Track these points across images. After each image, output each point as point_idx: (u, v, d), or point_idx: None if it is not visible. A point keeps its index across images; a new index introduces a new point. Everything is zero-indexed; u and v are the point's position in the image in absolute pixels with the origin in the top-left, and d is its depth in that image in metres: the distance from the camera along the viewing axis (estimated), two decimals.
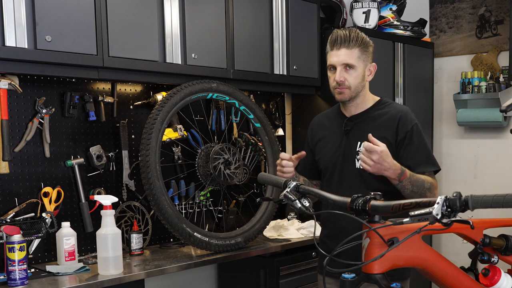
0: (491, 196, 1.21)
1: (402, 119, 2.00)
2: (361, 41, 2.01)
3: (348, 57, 2.00)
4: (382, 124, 2.03)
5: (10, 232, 2.13)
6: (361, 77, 2.04)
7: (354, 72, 2.02)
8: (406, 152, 1.99)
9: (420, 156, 1.99)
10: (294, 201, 1.64)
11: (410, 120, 2.01)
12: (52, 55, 2.16)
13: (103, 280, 2.16)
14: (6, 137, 2.29)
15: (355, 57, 2.01)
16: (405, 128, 1.99)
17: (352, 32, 2.02)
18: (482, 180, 3.77)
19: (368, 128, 2.03)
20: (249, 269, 2.93)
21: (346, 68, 2.02)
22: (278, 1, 3.05)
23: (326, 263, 1.40)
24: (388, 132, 2.01)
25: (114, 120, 2.72)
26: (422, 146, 2.00)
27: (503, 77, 3.52)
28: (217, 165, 2.80)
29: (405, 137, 1.99)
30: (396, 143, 2.00)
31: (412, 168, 1.97)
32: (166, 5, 2.54)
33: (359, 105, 2.09)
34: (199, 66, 2.67)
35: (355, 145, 2.05)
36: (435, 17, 3.96)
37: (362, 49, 2.02)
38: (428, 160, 2.01)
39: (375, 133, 1.97)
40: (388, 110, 2.06)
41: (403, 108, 2.08)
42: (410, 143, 1.99)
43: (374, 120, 2.05)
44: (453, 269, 1.53)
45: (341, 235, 1.54)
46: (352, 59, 2.01)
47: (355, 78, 2.02)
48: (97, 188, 2.62)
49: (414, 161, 1.98)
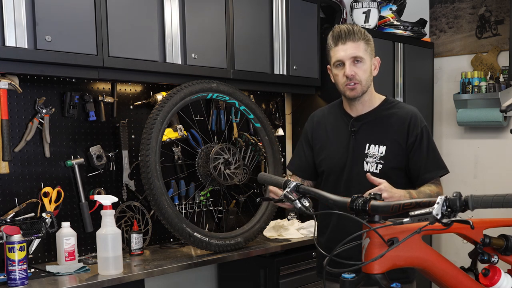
0: (491, 196, 1.21)
1: (413, 122, 1.97)
2: (364, 34, 1.98)
3: (356, 50, 1.94)
4: (392, 126, 1.99)
5: (10, 232, 2.13)
6: (369, 71, 1.98)
7: (363, 65, 1.95)
8: (416, 156, 1.96)
9: (429, 161, 1.96)
10: (294, 201, 1.64)
11: (420, 122, 1.98)
12: (52, 55, 2.16)
13: (103, 280, 2.16)
14: (6, 137, 2.29)
15: (363, 50, 1.95)
16: (416, 131, 1.96)
17: (354, 26, 1.98)
18: (482, 180, 3.76)
19: (377, 129, 1.99)
20: (249, 269, 2.93)
21: (355, 62, 1.95)
22: (278, 1, 3.05)
23: (326, 263, 1.40)
24: (399, 135, 1.97)
25: (114, 120, 2.72)
26: (431, 149, 1.98)
27: (503, 77, 3.52)
28: (217, 165, 2.80)
29: (415, 140, 1.96)
30: (406, 146, 1.97)
31: (421, 172, 1.95)
32: (166, 5, 2.54)
33: (366, 103, 2.02)
34: (199, 66, 2.67)
35: (364, 147, 1.99)
36: (435, 17, 3.96)
37: (366, 42, 1.97)
38: (437, 165, 1.98)
39: (382, 135, 1.97)
40: (396, 111, 2.01)
41: (412, 109, 2.03)
42: (420, 146, 1.96)
43: (382, 121, 2.01)
44: (453, 269, 1.53)
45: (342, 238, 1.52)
46: (361, 52, 1.94)
47: (365, 71, 1.96)
48: (97, 188, 2.62)
49: (423, 166, 1.95)
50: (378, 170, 1.96)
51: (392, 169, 1.96)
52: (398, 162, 1.97)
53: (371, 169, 1.96)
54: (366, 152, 1.98)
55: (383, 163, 1.96)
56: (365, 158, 1.98)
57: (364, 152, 1.99)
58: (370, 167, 1.97)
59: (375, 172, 1.95)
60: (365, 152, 1.99)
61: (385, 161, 1.96)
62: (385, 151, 1.96)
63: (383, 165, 1.96)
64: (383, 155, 1.96)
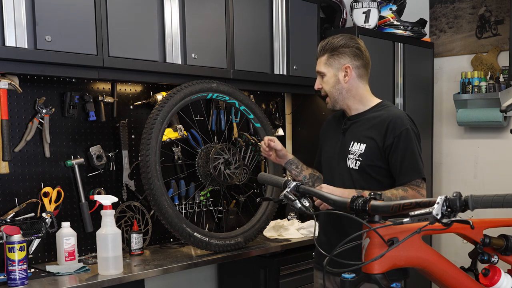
0: (491, 196, 1.21)
1: (392, 124, 1.98)
2: (329, 46, 2.07)
3: (318, 66, 2.12)
4: (373, 126, 2.03)
5: (10, 232, 2.13)
6: (332, 82, 2.08)
7: (325, 78, 2.10)
8: (393, 158, 1.98)
9: (404, 164, 1.96)
10: (294, 201, 1.65)
11: (401, 125, 1.98)
12: (52, 55, 2.16)
13: (103, 280, 2.16)
14: (6, 137, 2.29)
15: (323, 64, 2.09)
16: (394, 133, 1.97)
17: (325, 41, 2.10)
18: (482, 180, 3.76)
19: (361, 128, 2.06)
20: (249, 269, 2.93)
21: (321, 76, 2.12)
22: (278, 1, 3.05)
23: (326, 263, 1.40)
24: (377, 134, 2.00)
25: (114, 120, 2.72)
26: (408, 152, 1.96)
27: (503, 77, 3.52)
28: (217, 165, 2.80)
29: (393, 142, 1.97)
30: (383, 147, 1.99)
31: (396, 175, 1.98)
32: (166, 5, 2.54)
33: (358, 107, 2.10)
34: (199, 66, 2.67)
35: (349, 145, 2.07)
36: (435, 17, 3.96)
37: (330, 54, 2.07)
38: (412, 169, 1.96)
39: (364, 134, 2.03)
40: (382, 113, 2.05)
41: (397, 112, 2.05)
42: (397, 148, 1.97)
43: (368, 122, 2.06)
44: (453, 269, 1.54)
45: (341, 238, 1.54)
46: (321, 67, 2.10)
47: (326, 83, 2.10)
48: (97, 188, 2.62)
49: (398, 169, 1.97)
50: (356, 167, 2.03)
51: (369, 166, 2.01)
52: (375, 160, 2.01)
53: (352, 165, 2.04)
54: (349, 149, 2.06)
55: (361, 160, 2.02)
56: (348, 155, 2.06)
57: (348, 149, 2.07)
58: (351, 164, 2.05)
59: (354, 168, 2.03)
60: (349, 149, 2.06)
61: (363, 158, 2.02)
62: (364, 149, 2.02)
63: (361, 162, 2.02)
64: (362, 152, 2.02)
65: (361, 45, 2.09)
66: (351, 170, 2.04)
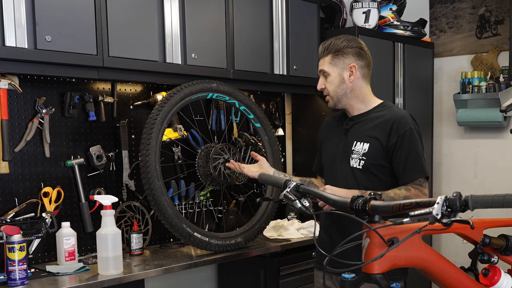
0: (491, 196, 1.21)
1: (396, 123, 2.00)
2: (333, 47, 2.08)
3: (321, 65, 2.12)
4: (377, 125, 2.04)
5: (10, 232, 2.13)
6: (337, 81, 2.09)
7: (329, 78, 2.10)
8: (397, 158, 1.99)
9: (408, 163, 1.98)
10: (294, 201, 1.65)
11: (404, 124, 2.00)
12: (52, 55, 2.16)
13: (103, 280, 2.16)
14: (6, 137, 2.29)
15: (327, 63, 2.09)
16: (398, 133, 1.99)
17: (327, 42, 2.11)
18: (482, 180, 3.76)
19: (364, 128, 2.07)
20: (249, 269, 2.93)
21: (324, 76, 2.12)
22: (278, 1, 3.05)
23: (326, 263, 1.41)
24: (381, 134, 2.02)
25: (114, 120, 2.72)
26: (412, 151, 1.98)
27: (503, 77, 3.52)
28: (217, 165, 2.80)
29: (397, 142, 1.99)
30: (388, 147, 2.00)
31: (400, 174, 1.99)
32: (166, 5, 2.54)
33: (360, 107, 2.11)
34: (199, 66, 2.67)
35: (352, 144, 2.07)
36: (435, 17, 3.96)
37: (334, 54, 2.08)
38: (415, 168, 1.98)
39: (367, 133, 2.04)
40: (385, 113, 2.06)
41: (401, 112, 2.07)
42: (401, 148, 1.98)
43: (371, 122, 2.07)
44: (453, 269, 1.54)
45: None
46: (325, 66, 2.10)
47: (330, 83, 2.10)
48: (97, 188, 2.62)
49: (402, 168, 1.98)
50: (360, 166, 2.04)
51: (372, 165, 2.02)
52: (379, 160, 2.02)
53: (355, 165, 2.05)
54: (352, 149, 2.07)
55: (365, 159, 2.03)
56: (351, 155, 2.07)
57: (351, 149, 2.07)
58: (354, 163, 2.05)
59: (358, 167, 2.04)
60: (352, 149, 2.07)
61: (366, 158, 2.03)
62: (368, 148, 2.03)
63: (365, 161, 2.03)
64: (365, 151, 2.03)
65: (364, 45, 2.12)
66: (355, 170, 2.04)
